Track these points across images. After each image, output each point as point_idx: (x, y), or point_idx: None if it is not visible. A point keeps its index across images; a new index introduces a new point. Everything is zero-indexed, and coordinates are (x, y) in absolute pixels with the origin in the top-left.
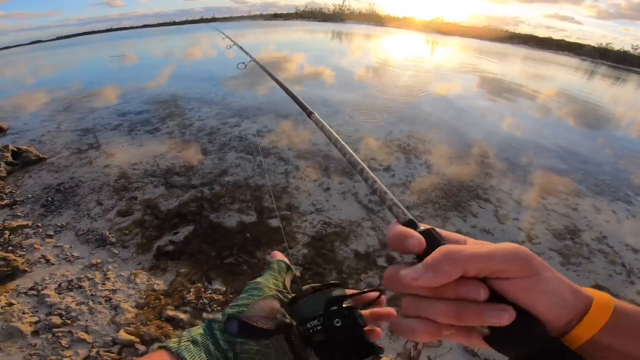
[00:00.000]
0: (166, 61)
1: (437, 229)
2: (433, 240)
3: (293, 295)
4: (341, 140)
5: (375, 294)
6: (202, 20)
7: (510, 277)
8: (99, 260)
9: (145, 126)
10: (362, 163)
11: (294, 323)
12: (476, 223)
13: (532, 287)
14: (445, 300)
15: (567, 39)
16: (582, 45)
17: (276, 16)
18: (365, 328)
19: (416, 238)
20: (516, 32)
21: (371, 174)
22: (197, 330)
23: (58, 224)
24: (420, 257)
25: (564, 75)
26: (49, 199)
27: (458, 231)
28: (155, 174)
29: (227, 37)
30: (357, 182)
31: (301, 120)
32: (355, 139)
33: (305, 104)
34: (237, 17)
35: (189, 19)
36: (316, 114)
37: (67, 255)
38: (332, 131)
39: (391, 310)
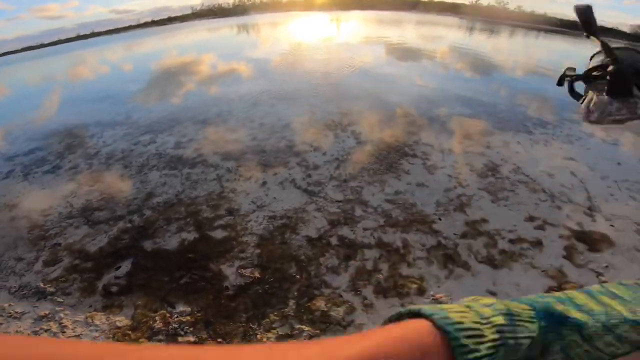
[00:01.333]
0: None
1: None
2: None
3: None
4: None
5: None
6: (80, 37)
7: None
8: (47, 312)
9: (41, 166)
10: None
11: None
12: (410, 180)
13: None
14: None
15: (446, 1)
16: (459, 5)
17: (171, 20)
18: None
19: None
20: None
21: None
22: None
23: None
24: None
25: (450, 34)
26: None
27: (397, 191)
28: (72, 215)
29: None
30: (291, 168)
31: (221, 121)
32: (280, 127)
33: None
34: (123, 27)
35: (62, 38)
36: None
37: (10, 312)
38: None
39: None
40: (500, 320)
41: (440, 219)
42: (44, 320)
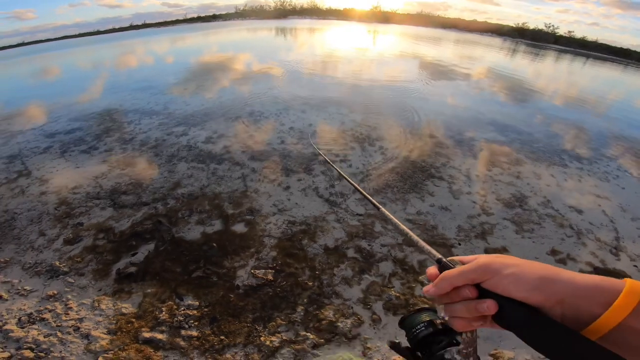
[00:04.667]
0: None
1: (455, 258)
2: (446, 267)
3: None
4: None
5: None
6: (132, 27)
7: (485, 280)
8: (55, 292)
9: (79, 145)
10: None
11: None
12: (434, 202)
13: (499, 281)
14: (459, 302)
15: (489, 21)
16: (503, 26)
17: (215, 17)
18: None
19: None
20: (446, 16)
21: (406, 228)
22: None
23: (1, 260)
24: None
25: (490, 55)
26: None
27: (419, 212)
28: (99, 196)
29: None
30: (315, 176)
31: (252, 121)
32: (310, 134)
33: (375, 202)
34: (171, 21)
35: (117, 26)
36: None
37: (18, 289)
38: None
39: None
40: None
41: (459, 244)
42: (51, 300)
